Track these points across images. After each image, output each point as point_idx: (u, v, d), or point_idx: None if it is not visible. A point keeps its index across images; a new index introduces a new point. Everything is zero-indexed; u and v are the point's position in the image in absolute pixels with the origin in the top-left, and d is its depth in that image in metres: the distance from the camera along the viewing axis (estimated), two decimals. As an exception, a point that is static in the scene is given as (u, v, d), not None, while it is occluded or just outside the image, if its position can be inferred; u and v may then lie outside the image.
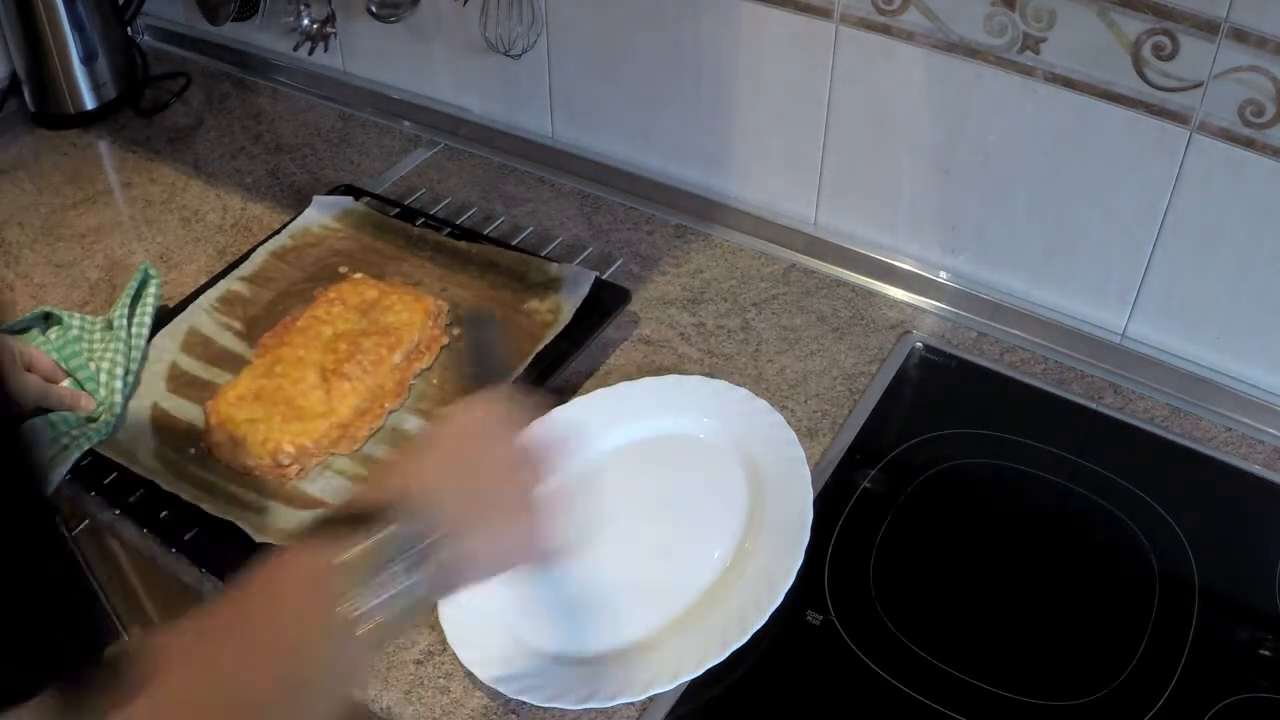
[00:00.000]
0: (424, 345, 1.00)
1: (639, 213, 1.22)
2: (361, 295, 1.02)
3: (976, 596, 0.85)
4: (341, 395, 0.94)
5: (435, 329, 1.02)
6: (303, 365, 0.96)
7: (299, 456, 0.91)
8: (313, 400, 0.93)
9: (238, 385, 0.95)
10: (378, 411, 0.96)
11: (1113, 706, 0.77)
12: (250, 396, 0.94)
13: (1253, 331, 0.97)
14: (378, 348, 0.97)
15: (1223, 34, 0.85)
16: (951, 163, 1.04)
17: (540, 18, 1.19)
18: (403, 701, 0.79)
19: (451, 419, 0.65)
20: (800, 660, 0.81)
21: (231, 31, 1.45)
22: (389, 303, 1.01)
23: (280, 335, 1.00)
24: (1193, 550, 0.87)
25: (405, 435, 0.96)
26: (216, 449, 0.93)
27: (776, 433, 0.93)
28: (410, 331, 0.99)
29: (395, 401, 0.97)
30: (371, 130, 1.37)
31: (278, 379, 0.95)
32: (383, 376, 0.96)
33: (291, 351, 0.97)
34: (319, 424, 0.92)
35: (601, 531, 0.89)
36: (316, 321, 1.00)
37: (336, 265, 1.11)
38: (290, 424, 0.92)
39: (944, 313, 1.09)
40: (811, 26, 1.04)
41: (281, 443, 0.91)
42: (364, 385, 0.95)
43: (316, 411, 0.93)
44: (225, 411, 0.93)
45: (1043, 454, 0.95)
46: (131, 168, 1.32)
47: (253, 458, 0.91)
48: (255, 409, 0.93)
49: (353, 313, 1.00)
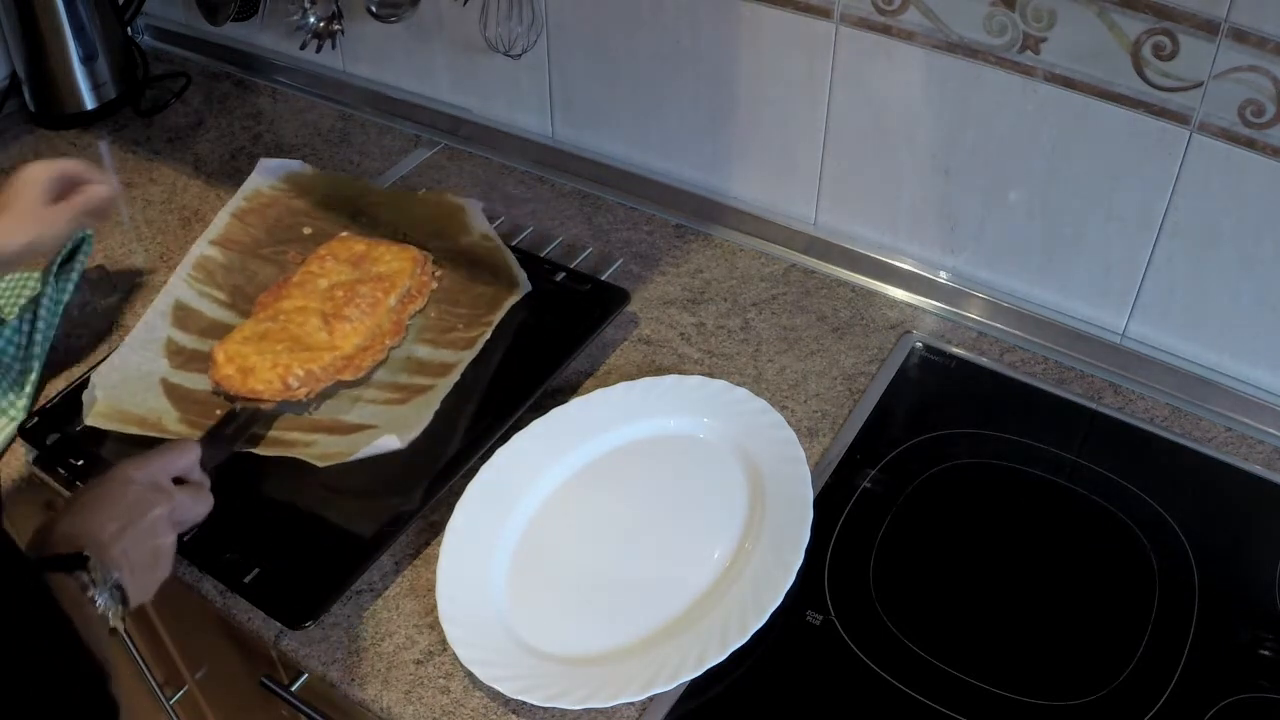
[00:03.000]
0: (415, 290, 1.06)
1: (639, 213, 1.22)
2: (351, 250, 1.08)
3: (976, 596, 0.85)
4: (344, 334, 0.99)
5: (424, 275, 1.07)
6: (304, 312, 1.01)
7: (307, 380, 0.96)
8: (317, 339, 0.99)
9: (244, 329, 1.00)
10: (379, 348, 1.01)
11: (1113, 706, 0.77)
12: (256, 338, 0.99)
13: (1253, 331, 0.97)
14: (373, 292, 1.03)
15: (1223, 34, 0.85)
16: (951, 163, 1.04)
17: (540, 18, 1.19)
18: (403, 701, 0.79)
19: (110, 476, 0.77)
20: (800, 660, 0.81)
21: (231, 31, 1.45)
22: (378, 254, 1.07)
23: (277, 292, 1.05)
24: (1193, 550, 0.87)
25: (422, 362, 1.01)
26: (225, 381, 0.96)
27: (776, 433, 0.93)
28: (401, 278, 1.05)
29: (395, 339, 1.02)
30: (371, 130, 1.37)
31: (282, 324, 1.00)
32: (380, 318, 1.02)
33: (291, 303, 1.02)
34: (324, 355, 0.97)
35: (601, 531, 0.89)
36: (312, 276, 1.05)
37: (300, 226, 1.14)
38: (297, 354, 0.96)
39: (944, 313, 1.09)
40: (811, 26, 1.04)
41: (291, 366, 0.95)
42: (364, 325, 1.00)
43: (321, 345, 0.98)
44: (233, 349, 0.97)
45: (1043, 454, 0.95)
46: (131, 168, 1.32)
47: (262, 383, 0.95)
48: (262, 346, 0.97)
49: (345, 265, 1.06)
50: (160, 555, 0.76)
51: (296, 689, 0.86)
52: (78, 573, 0.68)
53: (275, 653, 0.85)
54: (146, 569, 0.74)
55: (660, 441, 0.95)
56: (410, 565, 0.88)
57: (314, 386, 0.96)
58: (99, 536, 0.71)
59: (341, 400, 0.98)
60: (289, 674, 0.87)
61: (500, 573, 0.86)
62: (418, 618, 0.85)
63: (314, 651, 0.83)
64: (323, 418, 0.96)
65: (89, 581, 0.68)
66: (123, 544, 0.72)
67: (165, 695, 1.08)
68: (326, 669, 0.82)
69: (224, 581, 0.85)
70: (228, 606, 0.85)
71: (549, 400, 0.98)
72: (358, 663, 0.82)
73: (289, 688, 0.87)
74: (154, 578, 0.76)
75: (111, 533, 0.72)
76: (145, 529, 0.75)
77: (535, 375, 0.99)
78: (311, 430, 0.95)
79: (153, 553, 0.75)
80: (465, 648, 0.80)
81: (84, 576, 0.68)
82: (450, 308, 1.06)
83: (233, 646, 0.96)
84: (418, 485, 0.91)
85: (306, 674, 0.84)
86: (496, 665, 0.79)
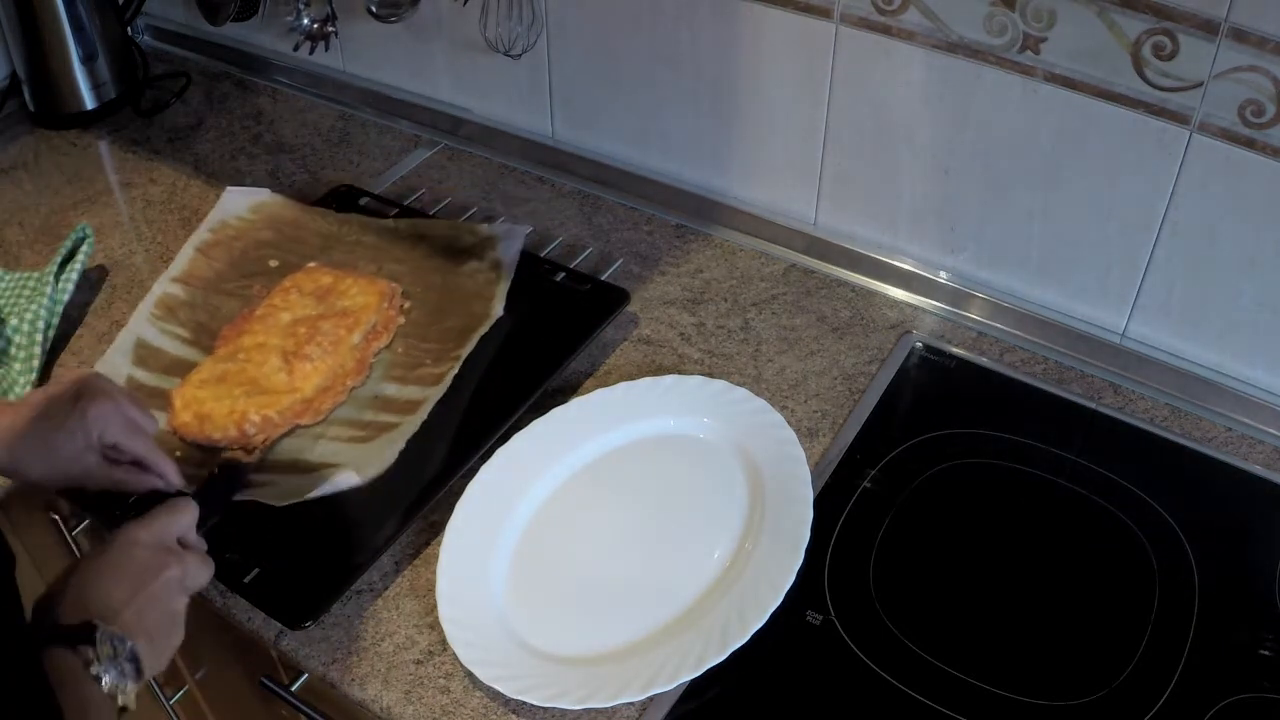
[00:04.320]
0: (381, 325, 1.03)
1: (639, 213, 1.22)
2: (317, 282, 1.05)
3: (976, 596, 0.85)
4: (304, 375, 0.97)
5: (391, 310, 1.05)
6: (264, 350, 0.99)
7: (264, 426, 0.93)
8: (276, 381, 0.96)
9: (201, 371, 0.98)
10: (339, 389, 0.98)
11: (1113, 706, 0.77)
12: (214, 380, 0.96)
13: (1253, 331, 0.97)
14: (336, 329, 1.00)
15: (1223, 34, 0.85)
16: (951, 163, 1.04)
17: (540, 18, 1.19)
18: (403, 701, 0.79)
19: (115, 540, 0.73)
20: (800, 660, 0.81)
21: (231, 31, 1.45)
22: (344, 287, 1.04)
23: (240, 326, 1.03)
24: (1193, 550, 0.87)
25: (388, 399, 0.98)
26: (183, 429, 0.94)
27: (776, 433, 0.93)
28: (367, 314, 1.02)
29: (357, 379, 1.00)
30: (371, 130, 1.37)
31: (241, 363, 0.98)
32: (343, 356, 0.99)
33: (252, 339, 1.00)
34: (283, 398, 0.95)
35: (601, 531, 0.89)
36: (275, 310, 1.03)
37: (266, 259, 1.12)
38: (254, 398, 0.94)
39: (944, 313, 1.09)
40: (811, 26, 1.04)
41: (247, 412, 0.93)
42: (325, 365, 0.98)
43: (280, 389, 0.96)
44: (190, 393, 0.95)
45: (1043, 454, 0.95)
46: (131, 168, 1.32)
47: (219, 430, 0.93)
48: (220, 390, 0.95)
49: (309, 299, 1.03)
50: (175, 621, 0.73)
51: (296, 689, 0.86)
52: (82, 648, 0.64)
53: (275, 653, 0.85)
54: (161, 635, 0.71)
55: (660, 441, 0.95)
56: (410, 565, 0.88)
57: (271, 433, 0.93)
58: (109, 603, 0.68)
59: (303, 439, 0.95)
60: (289, 674, 0.87)
61: (500, 573, 0.86)
62: (418, 618, 0.85)
63: (314, 651, 0.83)
64: (281, 458, 0.93)
65: (94, 657, 0.64)
66: (135, 609, 0.69)
67: (165, 695, 1.08)
68: (326, 669, 0.82)
69: (224, 581, 0.85)
70: (228, 606, 0.85)
71: (549, 400, 0.98)
72: (358, 663, 0.82)
73: (289, 688, 0.87)
74: (169, 644, 0.72)
75: (121, 599, 0.69)
76: (157, 593, 0.71)
77: (535, 375, 0.99)
78: (271, 470, 0.92)
79: (168, 618, 0.72)
80: (465, 648, 0.80)
81: (89, 652, 0.64)
82: (418, 342, 1.03)
83: (233, 646, 0.96)
84: (417, 486, 0.91)
85: (306, 674, 0.84)
86: (496, 665, 0.79)
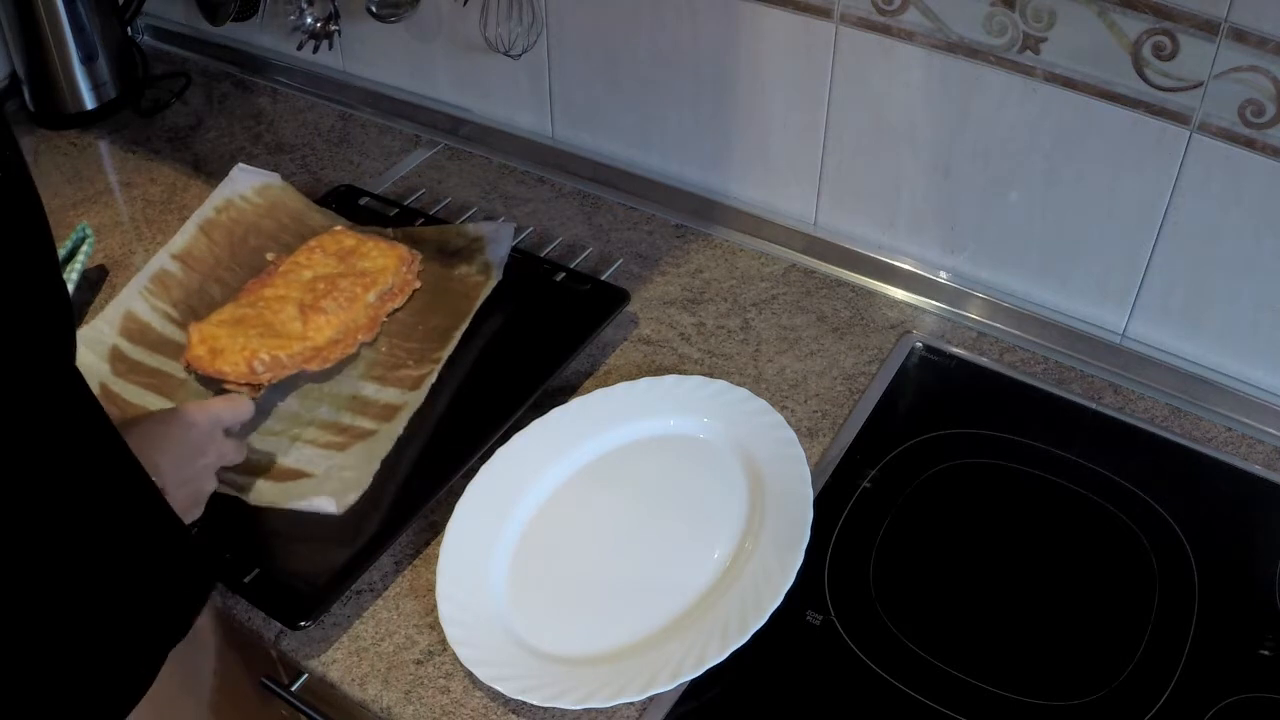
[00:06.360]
0: (397, 288, 1.07)
1: (639, 213, 1.22)
2: (340, 244, 1.09)
3: (976, 596, 0.85)
4: (317, 326, 1.00)
5: (408, 274, 1.08)
6: (283, 301, 1.02)
7: (272, 366, 0.96)
8: (290, 328, 1.00)
9: (222, 312, 1.01)
10: (350, 342, 1.01)
11: (1113, 706, 0.77)
12: (232, 321, 1.00)
13: (1253, 331, 0.97)
14: (353, 287, 1.04)
15: (1223, 34, 0.85)
16: (951, 163, 1.04)
17: (540, 18, 1.19)
18: (403, 701, 0.79)
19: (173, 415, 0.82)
20: (800, 660, 0.81)
21: (231, 31, 1.45)
22: (365, 250, 1.08)
23: (264, 280, 1.06)
24: (1193, 550, 0.87)
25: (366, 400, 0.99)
26: (195, 361, 0.97)
27: (776, 433, 0.93)
28: (385, 275, 1.06)
29: (368, 334, 1.03)
30: (371, 130, 1.37)
31: (259, 310, 1.01)
32: (356, 313, 1.03)
33: (273, 291, 1.04)
34: (294, 344, 0.98)
35: (601, 531, 0.89)
36: (298, 267, 1.06)
37: (263, 250, 1.13)
38: (267, 340, 0.98)
39: (944, 313, 1.09)
40: (811, 26, 1.04)
41: (259, 351, 0.96)
42: (338, 319, 1.01)
43: (293, 335, 0.99)
44: (208, 330, 0.99)
45: (1043, 454, 0.95)
46: (131, 168, 1.32)
47: (229, 364, 0.96)
48: (236, 330, 0.99)
49: (331, 259, 1.07)
50: (200, 500, 0.82)
51: (296, 689, 0.86)
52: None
53: (275, 653, 0.85)
54: (187, 512, 0.79)
55: (660, 441, 0.95)
56: (410, 565, 0.88)
57: (278, 373, 0.97)
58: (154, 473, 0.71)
59: (280, 440, 0.95)
60: (289, 674, 0.87)
61: (500, 573, 0.86)
62: (418, 618, 0.85)
63: (314, 651, 0.83)
64: (259, 460, 0.93)
65: None
66: (176, 482, 0.76)
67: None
68: (326, 669, 0.82)
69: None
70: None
71: (549, 400, 0.98)
72: (357, 663, 0.82)
73: (289, 688, 0.87)
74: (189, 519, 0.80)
75: (166, 471, 0.75)
76: (197, 473, 0.80)
77: (535, 375, 0.99)
78: (248, 473, 0.92)
79: (196, 496, 0.81)
80: (465, 648, 0.80)
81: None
82: (401, 342, 1.04)
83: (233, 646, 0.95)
84: (417, 485, 0.91)
85: (306, 674, 0.84)
86: (496, 665, 0.79)
